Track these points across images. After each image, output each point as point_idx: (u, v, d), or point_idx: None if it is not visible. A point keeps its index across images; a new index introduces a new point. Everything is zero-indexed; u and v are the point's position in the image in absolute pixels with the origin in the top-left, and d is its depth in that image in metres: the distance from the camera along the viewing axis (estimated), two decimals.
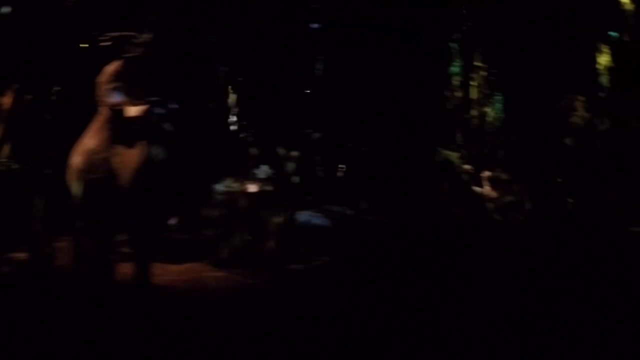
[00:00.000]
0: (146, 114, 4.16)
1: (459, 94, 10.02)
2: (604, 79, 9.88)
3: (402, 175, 8.42)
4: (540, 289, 4.89)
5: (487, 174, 12.75)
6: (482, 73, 10.22)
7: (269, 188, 7.04)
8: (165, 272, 4.96)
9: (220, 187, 6.78)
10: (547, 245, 8.28)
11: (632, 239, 7.90)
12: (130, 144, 4.13)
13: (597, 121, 10.70)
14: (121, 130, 4.11)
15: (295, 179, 7.66)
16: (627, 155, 10.43)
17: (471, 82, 10.49)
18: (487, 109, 12.84)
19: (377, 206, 7.96)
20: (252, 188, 6.72)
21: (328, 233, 6.60)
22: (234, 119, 8.36)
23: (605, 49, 10.17)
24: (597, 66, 10.34)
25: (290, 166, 7.81)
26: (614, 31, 10.16)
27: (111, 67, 4.20)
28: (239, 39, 8.32)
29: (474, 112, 10.62)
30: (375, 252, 6.10)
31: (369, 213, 7.68)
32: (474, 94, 10.31)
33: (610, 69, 10.15)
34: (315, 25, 9.12)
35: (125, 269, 4.09)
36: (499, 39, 10.76)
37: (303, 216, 6.56)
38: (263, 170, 7.52)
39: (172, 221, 7.06)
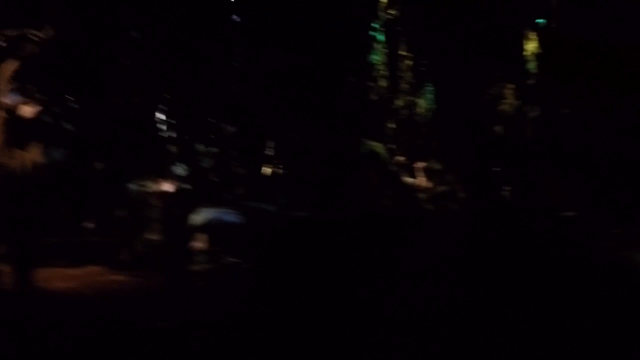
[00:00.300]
0: (42, 114, 3.88)
1: (383, 83, 9.75)
2: (532, 66, 9.75)
3: (326, 168, 8.12)
4: (476, 277, 4.80)
5: (420, 164, 12.66)
6: (408, 62, 9.97)
7: (185, 186, 6.70)
8: (61, 276, 4.62)
9: (134, 187, 6.39)
10: (482, 232, 8.17)
11: (566, 223, 7.89)
12: (26, 147, 3.84)
13: (526, 108, 10.62)
14: (17, 133, 3.81)
15: (212, 176, 7.31)
16: (558, 141, 10.42)
17: (399, 72, 10.26)
18: (418, 100, 12.76)
19: (299, 201, 7.61)
20: (167, 187, 6.34)
21: (242, 230, 6.21)
22: (151, 116, 7.92)
23: (532, 36, 10.07)
24: (525, 53, 10.25)
25: (207, 162, 7.47)
26: (541, 18, 10.07)
27: (6, 67, 3.90)
28: (152, 32, 7.87)
29: (401, 102, 10.39)
30: (293, 250, 5.79)
31: (290, 208, 7.32)
32: (401, 83, 10.07)
33: (538, 56, 10.05)
34: (235, 17, 8.72)
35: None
36: (426, 28, 10.59)
37: (215, 213, 6.16)
38: (180, 168, 7.18)
39: (87, 224, 6.65)
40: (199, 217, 5.93)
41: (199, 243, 5.72)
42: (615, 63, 9.36)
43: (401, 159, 12.77)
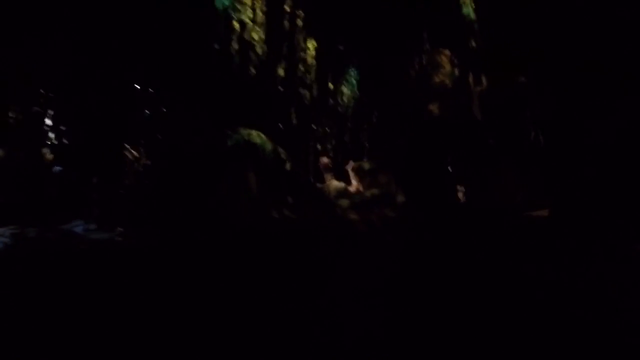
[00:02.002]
0: None
1: (259, 50, 6.83)
2: (472, 18, 7.24)
3: (175, 168, 5.45)
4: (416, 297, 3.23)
5: (349, 164, 10.21)
6: (300, 22, 7.26)
7: None
8: None
9: None
10: (426, 243, 5.72)
11: (534, 226, 5.72)
12: None
13: (470, 79, 8.18)
14: None
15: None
16: (513, 123, 7.93)
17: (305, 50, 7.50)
18: (342, 87, 10.31)
19: (128, 217, 4.94)
20: None
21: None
22: None
23: None
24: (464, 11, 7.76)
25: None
26: None
27: None
28: None
29: (306, 82, 7.65)
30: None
31: (105, 228, 4.70)
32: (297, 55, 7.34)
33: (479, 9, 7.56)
34: None
35: None
36: None
37: None
38: None
39: None
40: None
41: None
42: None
43: (325, 159, 10.42)
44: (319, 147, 10.43)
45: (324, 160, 10.41)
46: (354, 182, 10.22)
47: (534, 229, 5.54)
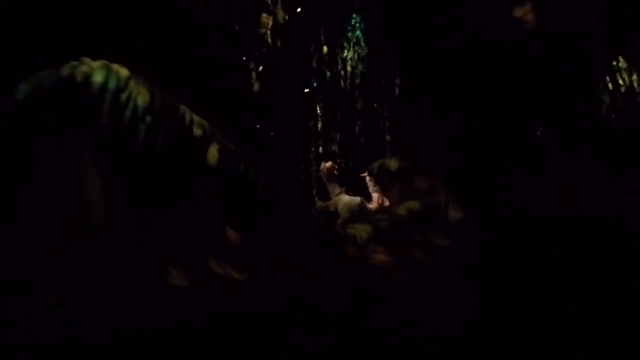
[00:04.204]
0: None
1: None
2: None
3: None
4: None
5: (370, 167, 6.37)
6: None
7: None
8: None
9: None
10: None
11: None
12: None
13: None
14: None
15: None
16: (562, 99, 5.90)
17: None
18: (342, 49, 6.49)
19: None
20: None
21: None
22: None
23: None
24: None
25: None
26: None
27: None
28: None
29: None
30: None
31: None
32: None
33: None
34: None
35: None
36: None
37: None
38: None
39: None
40: None
41: None
42: None
43: (328, 164, 6.67)
44: (319, 148, 6.70)
45: (327, 165, 6.67)
46: (375, 195, 6.65)
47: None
